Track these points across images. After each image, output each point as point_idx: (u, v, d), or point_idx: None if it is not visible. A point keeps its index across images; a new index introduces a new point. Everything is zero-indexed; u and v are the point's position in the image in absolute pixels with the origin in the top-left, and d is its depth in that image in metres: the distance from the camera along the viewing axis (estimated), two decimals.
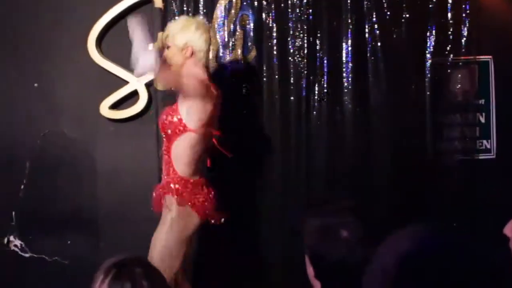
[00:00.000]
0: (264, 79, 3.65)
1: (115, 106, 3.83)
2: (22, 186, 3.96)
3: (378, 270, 1.05)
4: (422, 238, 1.04)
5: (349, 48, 3.59)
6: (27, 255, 3.98)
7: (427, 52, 3.57)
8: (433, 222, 1.08)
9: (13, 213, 3.98)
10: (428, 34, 3.55)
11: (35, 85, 3.96)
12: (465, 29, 3.56)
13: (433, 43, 3.56)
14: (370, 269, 1.08)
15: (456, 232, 1.05)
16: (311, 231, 1.69)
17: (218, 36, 3.66)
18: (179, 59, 3.15)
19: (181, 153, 3.08)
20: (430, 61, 3.57)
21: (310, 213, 1.75)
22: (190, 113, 3.03)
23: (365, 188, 3.56)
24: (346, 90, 3.60)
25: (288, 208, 3.66)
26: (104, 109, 3.82)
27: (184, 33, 3.13)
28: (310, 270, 1.69)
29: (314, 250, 1.67)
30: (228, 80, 3.60)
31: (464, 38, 3.57)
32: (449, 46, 3.58)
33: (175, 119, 3.06)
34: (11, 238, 3.99)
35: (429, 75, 3.57)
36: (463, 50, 3.60)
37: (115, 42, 3.85)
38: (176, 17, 3.51)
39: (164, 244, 3.08)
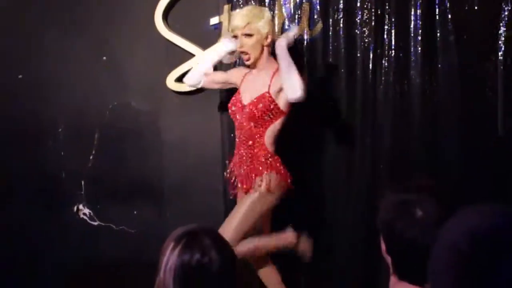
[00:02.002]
0: (330, 52, 3.60)
1: (181, 79, 3.87)
2: (91, 157, 4.08)
3: (447, 245, 1.04)
4: (492, 215, 1.02)
5: (418, 21, 3.49)
6: (95, 223, 4.11)
7: (500, 24, 3.42)
8: (503, 201, 1.05)
9: (82, 182, 4.10)
10: (502, 5, 3.40)
11: (104, 58, 4.05)
12: None
13: (507, 15, 3.41)
14: (438, 245, 1.06)
15: None
16: (387, 207, 1.69)
17: (284, 9, 3.63)
18: (258, 47, 3.25)
19: (275, 133, 3.24)
20: (503, 34, 3.43)
21: (388, 189, 1.74)
22: (283, 97, 3.16)
23: (432, 165, 3.49)
24: (413, 64, 3.51)
25: (353, 183, 3.64)
26: (170, 82, 3.87)
27: (266, 22, 3.23)
28: (383, 245, 1.68)
29: (387, 226, 1.66)
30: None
31: None
32: None
33: (271, 106, 3.18)
34: (80, 206, 4.12)
35: (502, 49, 3.43)
36: None
37: (182, 15, 3.88)
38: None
39: (247, 212, 3.18)
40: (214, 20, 3.77)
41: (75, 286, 4.06)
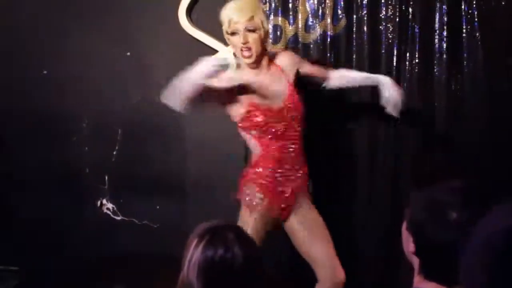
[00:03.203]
0: (354, 49, 3.58)
1: None
2: (115, 152, 4.11)
3: (481, 244, 1.02)
4: None
5: (444, 17, 3.45)
6: (118, 218, 4.14)
7: None
8: None
9: (106, 177, 4.13)
10: None
11: (128, 54, 4.07)
12: None
13: None
14: (473, 243, 1.05)
15: None
16: (419, 208, 1.65)
17: (307, 5, 3.61)
18: (260, 45, 2.98)
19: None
20: None
21: (420, 188, 1.71)
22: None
23: (460, 163, 3.45)
24: (438, 61, 3.48)
25: (374, 181, 3.62)
26: None
27: (264, 16, 3.03)
28: (410, 246, 1.65)
29: (418, 226, 1.63)
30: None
31: None
32: None
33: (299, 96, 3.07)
34: (104, 201, 4.15)
35: None
36: None
37: (205, 11, 3.88)
38: None
39: (325, 231, 3.10)
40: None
41: (98, 281, 4.09)
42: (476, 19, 3.41)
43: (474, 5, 3.40)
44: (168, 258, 2.51)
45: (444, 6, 3.44)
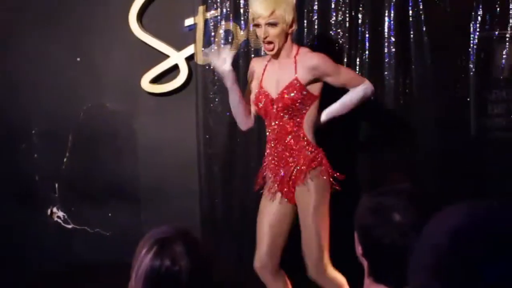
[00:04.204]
0: None
1: (156, 80, 3.86)
2: (65, 159, 4.04)
3: (427, 245, 1.04)
4: (471, 213, 1.03)
5: (392, 22, 3.51)
6: (69, 226, 4.07)
7: (473, 25, 3.47)
8: (480, 199, 1.06)
9: (56, 185, 4.07)
10: (474, 7, 3.44)
11: (78, 59, 4.02)
12: None
13: (479, 17, 3.46)
14: (419, 245, 1.07)
15: (504, 207, 1.03)
16: (363, 210, 1.67)
17: None
18: (283, 36, 3.00)
19: (313, 121, 3.07)
20: (475, 35, 3.47)
21: (364, 191, 1.73)
22: (314, 83, 3.02)
23: (406, 166, 3.51)
24: (387, 65, 3.54)
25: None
26: (145, 83, 3.85)
27: (290, 7, 2.98)
28: (358, 248, 1.67)
29: (364, 229, 1.65)
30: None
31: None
32: (496, 20, 3.47)
33: (304, 92, 3.00)
34: (54, 209, 4.09)
35: (474, 50, 3.48)
36: (510, 24, 3.49)
37: (156, 17, 3.87)
38: None
39: (324, 219, 3.03)
40: (189, 21, 3.76)
41: None
42: (423, 24, 3.48)
43: (421, 11, 3.47)
44: (120, 266, 2.47)
45: (392, 12, 3.49)
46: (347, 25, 3.55)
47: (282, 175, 3.07)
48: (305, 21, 3.59)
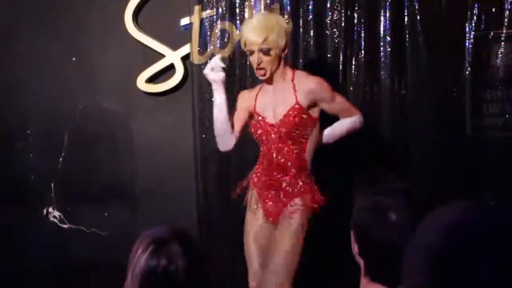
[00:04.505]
0: (300, 53, 3.61)
1: (152, 79, 3.86)
2: (61, 159, 4.04)
3: (420, 244, 1.04)
4: (465, 212, 1.03)
5: (387, 22, 3.52)
6: (65, 226, 4.07)
7: (468, 25, 3.48)
8: (474, 198, 1.07)
9: (52, 184, 4.06)
10: (469, 7, 3.45)
11: (73, 59, 4.01)
12: (508, 1, 3.46)
13: (474, 16, 3.46)
14: (412, 244, 1.07)
15: (498, 206, 1.04)
16: (359, 210, 1.68)
17: (254, 11, 3.63)
18: (276, 61, 2.95)
19: (315, 145, 3.05)
20: (471, 35, 3.48)
21: (360, 191, 1.73)
22: (310, 107, 2.98)
23: (402, 165, 3.52)
24: (383, 65, 3.55)
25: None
26: (141, 83, 3.85)
27: (283, 31, 2.93)
28: (355, 247, 1.68)
29: (361, 228, 1.65)
30: None
31: (507, 11, 3.47)
32: (491, 19, 3.48)
33: (305, 116, 2.97)
34: (50, 209, 4.08)
35: (469, 50, 3.49)
36: (506, 23, 3.50)
37: (152, 16, 3.86)
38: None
39: (298, 249, 2.98)
40: (184, 21, 3.76)
41: None
42: (418, 24, 3.48)
43: (417, 11, 3.48)
44: (116, 266, 2.47)
45: (387, 12, 3.50)
46: (343, 24, 3.55)
47: (272, 196, 3.03)
48: (301, 20, 3.59)
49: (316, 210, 3.03)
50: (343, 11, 3.55)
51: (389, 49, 3.52)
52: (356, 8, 3.54)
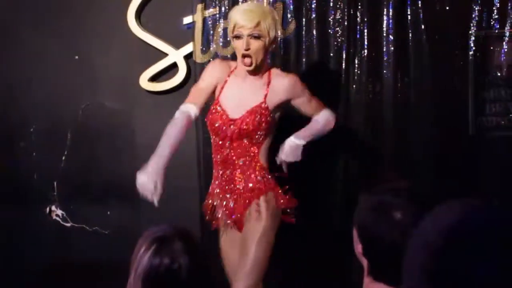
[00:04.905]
0: (303, 52, 3.61)
1: (154, 78, 3.86)
2: (64, 157, 4.04)
3: (419, 243, 1.04)
4: (464, 212, 1.03)
5: (390, 20, 3.51)
6: (68, 224, 4.07)
7: (471, 24, 3.47)
8: (475, 198, 1.07)
9: (55, 183, 4.06)
10: (472, 5, 3.44)
11: (76, 57, 4.01)
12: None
13: (477, 15, 3.46)
14: (412, 244, 1.07)
15: (498, 206, 1.04)
16: (363, 209, 1.67)
17: None
18: (263, 52, 2.83)
19: (269, 146, 2.96)
20: (474, 33, 3.47)
21: (364, 190, 1.73)
22: (278, 108, 2.93)
23: (405, 165, 3.52)
24: (386, 64, 3.54)
25: (324, 184, 3.64)
26: (144, 82, 3.84)
27: (274, 23, 2.85)
28: (358, 247, 1.67)
29: (364, 228, 1.65)
30: None
31: (511, 11, 3.46)
32: (494, 18, 3.47)
33: (268, 118, 2.89)
34: (53, 208, 4.08)
35: (473, 48, 3.48)
36: (509, 22, 3.49)
37: (155, 14, 3.86)
38: None
39: (269, 245, 2.89)
40: (187, 20, 3.76)
41: None
42: (422, 23, 3.48)
43: (420, 10, 3.47)
44: (119, 265, 2.47)
45: (390, 10, 3.49)
46: (346, 23, 3.55)
47: (230, 201, 2.95)
48: (304, 19, 3.59)
49: (284, 211, 2.94)
50: (346, 9, 3.54)
51: (392, 48, 3.52)
52: (359, 6, 3.54)
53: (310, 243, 3.56)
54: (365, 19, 3.54)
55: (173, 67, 3.83)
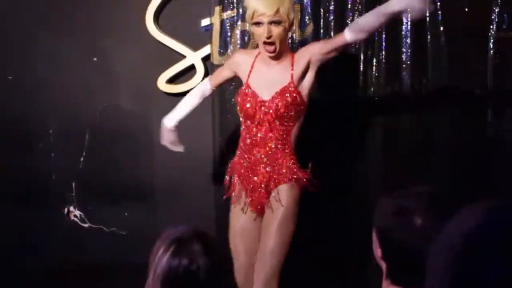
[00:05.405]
0: None
1: (172, 80, 3.87)
2: (82, 158, 4.06)
3: (443, 246, 1.04)
4: (488, 214, 1.02)
5: (408, 22, 3.49)
6: (86, 225, 4.09)
7: (490, 25, 3.44)
8: (495, 200, 1.05)
9: (73, 184, 4.09)
10: (492, 6, 3.41)
11: (94, 59, 4.04)
12: None
13: (497, 16, 3.43)
14: (436, 246, 1.07)
15: None
16: (384, 213, 1.66)
17: None
18: (285, 36, 2.91)
19: (298, 131, 2.99)
20: (493, 35, 3.44)
21: (383, 193, 1.72)
22: (307, 87, 2.97)
23: (423, 167, 3.49)
24: (404, 66, 3.52)
25: (344, 187, 3.63)
26: (161, 84, 3.86)
27: (291, 5, 2.89)
28: (377, 251, 1.67)
29: (385, 232, 1.64)
30: None
31: None
32: None
33: (298, 98, 2.92)
34: (71, 208, 4.11)
35: (492, 50, 3.45)
36: None
37: (173, 17, 3.88)
38: None
39: (289, 230, 2.92)
40: (205, 22, 3.76)
41: None
42: (440, 25, 3.45)
43: (439, 11, 3.45)
44: (136, 266, 2.48)
45: (409, 11, 3.47)
46: None
47: (256, 182, 2.95)
48: (322, 21, 3.58)
49: (305, 190, 2.95)
50: (364, 11, 3.52)
51: (410, 50, 3.50)
52: None
53: (329, 243, 3.56)
54: None
55: (191, 69, 3.84)
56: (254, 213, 3.01)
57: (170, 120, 3.29)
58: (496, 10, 3.41)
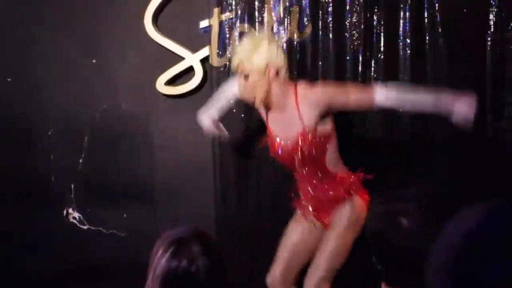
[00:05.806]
0: (320, 55, 3.60)
1: (171, 82, 3.88)
2: (81, 160, 4.07)
3: (443, 247, 1.04)
4: (488, 214, 1.02)
5: (407, 24, 3.50)
6: (85, 227, 4.09)
7: (489, 26, 3.44)
8: (495, 200, 1.06)
9: (72, 185, 4.09)
10: (490, 7, 3.42)
11: (93, 61, 4.04)
12: None
13: (495, 18, 3.43)
14: (436, 246, 1.07)
15: None
16: (372, 216, 1.68)
17: (273, 13, 3.63)
18: (264, 84, 2.78)
19: (335, 151, 2.99)
20: (491, 36, 3.45)
21: (375, 196, 1.73)
22: (327, 122, 2.92)
23: (421, 167, 3.50)
24: (403, 67, 3.53)
25: None
26: (160, 85, 3.86)
27: (260, 53, 2.77)
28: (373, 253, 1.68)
29: (375, 235, 1.65)
30: None
31: None
32: None
33: (315, 138, 2.88)
34: (70, 210, 4.11)
35: (490, 51, 3.45)
36: None
37: (171, 18, 3.88)
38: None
39: (346, 244, 2.96)
40: (204, 23, 3.77)
41: None
42: (439, 26, 3.46)
43: (437, 12, 3.45)
44: (136, 267, 2.49)
45: (407, 14, 3.48)
46: (362, 26, 3.54)
47: (320, 198, 2.99)
48: (320, 22, 3.59)
49: (366, 205, 2.97)
50: (362, 13, 3.53)
51: (409, 51, 3.51)
52: (376, 10, 3.53)
53: None
54: (382, 22, 3.52)
55: (190, 70, 3.85)
56: (314, 224, 3.05)
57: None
58: (494, 11, 3.41)
